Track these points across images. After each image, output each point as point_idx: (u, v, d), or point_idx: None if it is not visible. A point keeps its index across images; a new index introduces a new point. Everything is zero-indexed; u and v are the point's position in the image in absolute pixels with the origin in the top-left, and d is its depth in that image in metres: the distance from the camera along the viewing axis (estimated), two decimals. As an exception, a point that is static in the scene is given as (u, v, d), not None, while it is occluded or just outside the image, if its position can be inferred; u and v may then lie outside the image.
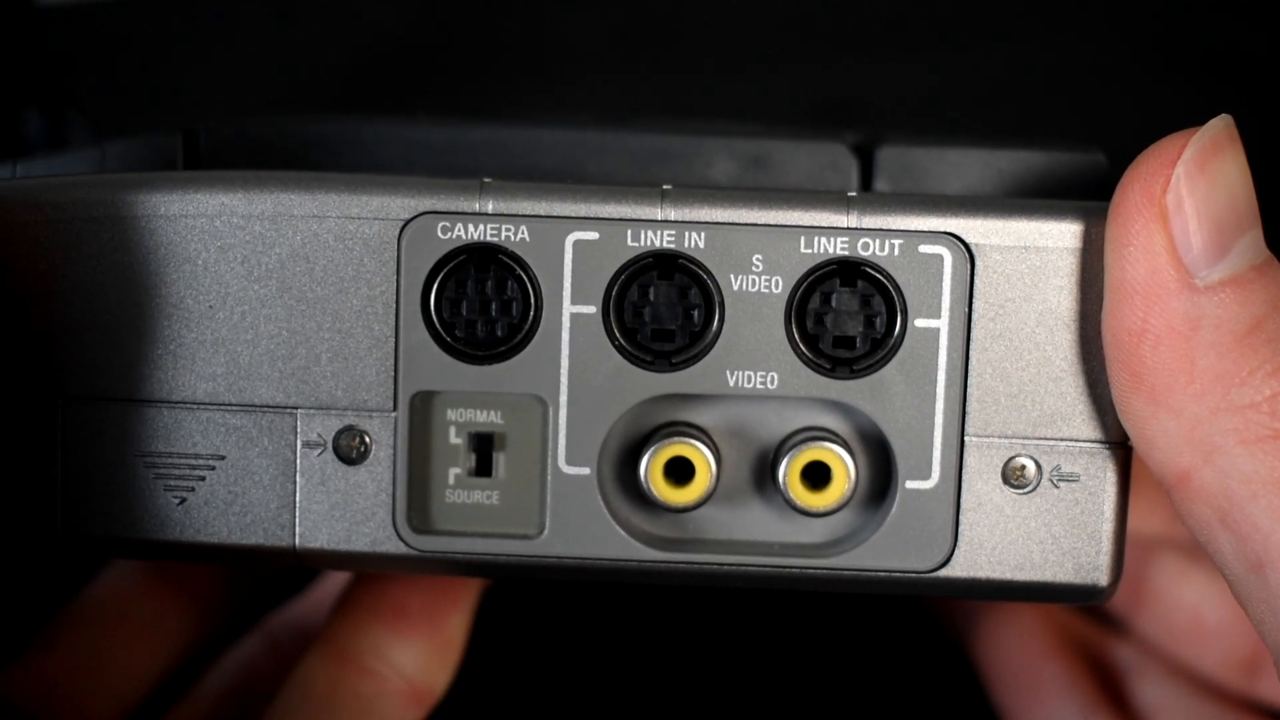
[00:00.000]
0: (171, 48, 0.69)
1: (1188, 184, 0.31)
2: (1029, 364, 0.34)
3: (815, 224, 0.34)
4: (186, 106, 0.67)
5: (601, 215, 0.34)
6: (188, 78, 0.68)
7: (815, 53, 0.70)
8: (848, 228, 0.34)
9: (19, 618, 0.45)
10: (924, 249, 0.34)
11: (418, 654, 0.41)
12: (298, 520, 0.35)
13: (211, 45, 0.70)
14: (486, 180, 0.34)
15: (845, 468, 0.34)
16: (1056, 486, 0.34)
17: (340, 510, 0.35)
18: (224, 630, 0.47)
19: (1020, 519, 0.34)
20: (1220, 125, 0.32)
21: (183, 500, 0.35)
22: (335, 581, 0.48)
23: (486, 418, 0.35)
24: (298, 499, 0.35)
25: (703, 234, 0.34)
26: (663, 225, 0.34)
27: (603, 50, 0.70)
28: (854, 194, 0.34)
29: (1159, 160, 0.32)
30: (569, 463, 0.34)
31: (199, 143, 0.38)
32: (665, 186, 0.34)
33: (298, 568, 0.36)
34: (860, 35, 0.70)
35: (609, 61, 0.69)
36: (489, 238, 0.34)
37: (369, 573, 0.41)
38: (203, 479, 0.35)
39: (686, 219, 0.34)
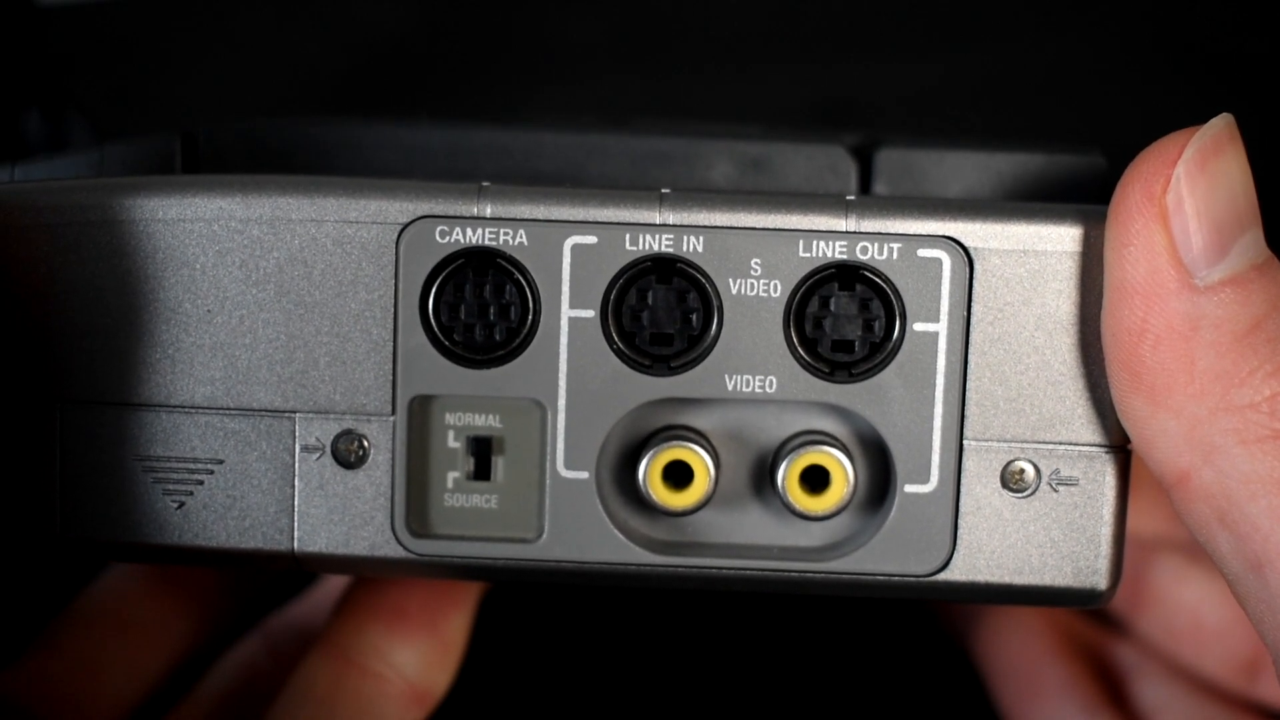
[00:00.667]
0: (172, 48, 0.69)
1: (1188, 183, 0.31)
2: (1028, 368, 0.34)
3: (814, 228, 0.34)
4: (187, 107, 0.67)
5: (600, 219, 0.34)
6: (188, 78, 0.68)
7: (815, 53, 0.69)
8: (846, 231, 0.33)
9: (19, 619, 0.45)
10: (923, 253, 0.33)
11: (418, 655, 0.41)
12: (296, 524, 0.35)
13: (212, 46, 0.70)
14: (485, 184, 0.34)
15: (844, 471, 0.34)
16: (1055, 490, 0.34)
17: (339, 514, 0.35)
18: (225, 631, 0.47)
19: (1019, 523, 0.34)
20: (1221, 124, 0.32)
21: (181, 504, 0.35)
22: (335, 583, 0.48)
23: (485, 421, 0.35)
24: (296, 503, 0.35)
25: (701, 238, 0.34)
26: (661, 229, 0.34)
27: (602, 51, 0.70)
28: (852, 197, 0.34)
29: (1159, 160, 0.32)
30: (567, 466, 0.34)
31: (197, 146, 0.38)
32: (664, 190, 0.34)
33: (296, 571, 0.36)
34: (860, 35, 0.70)
35: (608, 62, 0.69)
36: (487, 241, 0.34)
37: (368, 576, 0.41)
38: (201, 483, 0.35)
39: (685, 223, 0.34)
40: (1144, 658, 0.49)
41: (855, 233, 0.33)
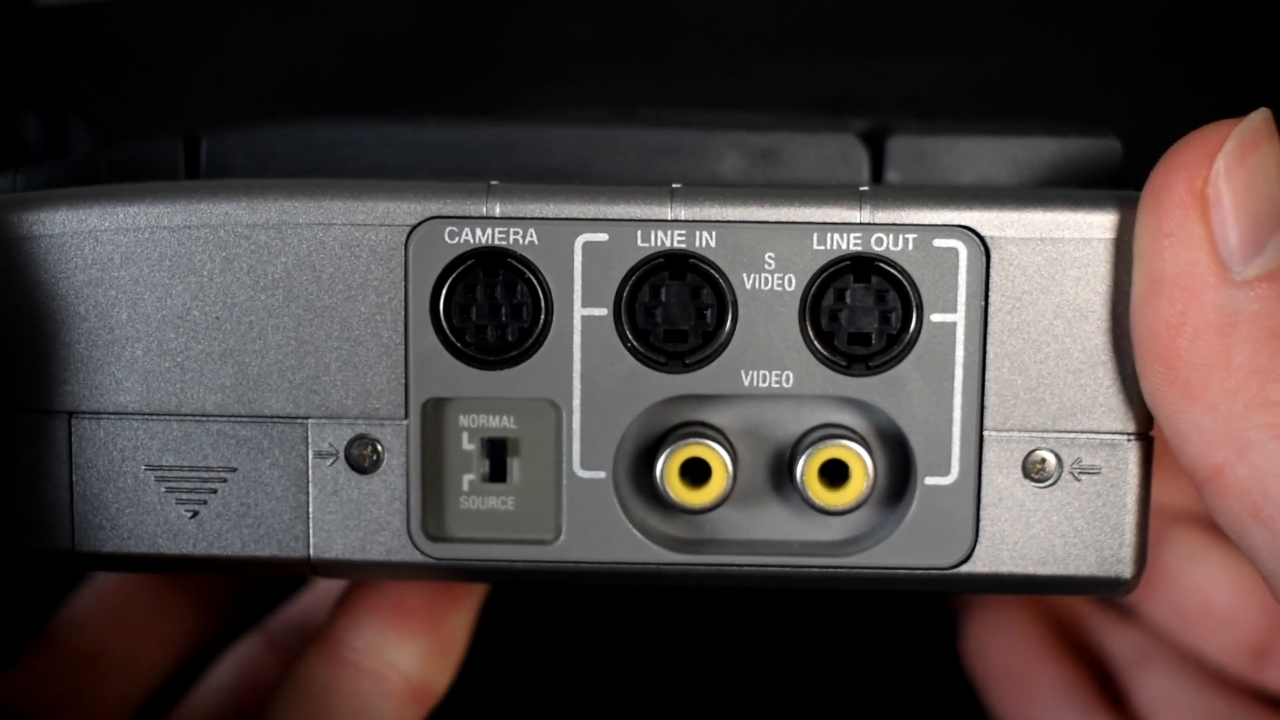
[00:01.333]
0: (172, 48, 0.69)
1: (1227, 177, 0.31)
2: (1047, 357, 0.33)
3: (827, 220, 0.33)
4: (187, 107, 0.66)
5: (610, 216, 0.33)
6: (188, 78, 0.68)
7: (816, 51, 0.69)
8: (860, 223, 0.33)
9: (17, 619, 0.44)
10: (938, 243, 0.33)
11: (417, 653, 0.41)
12: (311, 531, 0.34)
13: (212, 46, 0.69)
14: (493, 183, 0.34)
15: (863, 465, 0.34)
16: (1078, 479, 0.34)
17: (354, 520, 0.34)
18: (226, 629, 0.46)
19: (1042, 513, 0.34)
20: (1259, 119, 0.32)
21: (195, 513, 0.35)
22: (335, 580, 0.48)
23: (499, 423, 0.34)
24: (311, 509, 0.34)
25: (713, 233, 0.33)
26: (673, 225, 0.33)
27: (603, 49, 0.69)
28: (866, 188, 0.34)
29: (1200, 151, 0.31)
30: (584, 467, 0.34)
31: (199, 149, 0.37)
32: (674, 185, 0.34)
33: (312, 577, 0.36)
34: (862, 33, 0.69)
35: (610, 61, 0.69)
36: (497, 241, 0.33)
37: (385, 580, 0.41)
38: (215, 491, 0.34)
39: (697, 218, 0.33)
40: (1146, 648, 0.48)
41: (870, 224, 0.33)
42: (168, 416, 0.34)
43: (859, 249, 0.33)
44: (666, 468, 0.34)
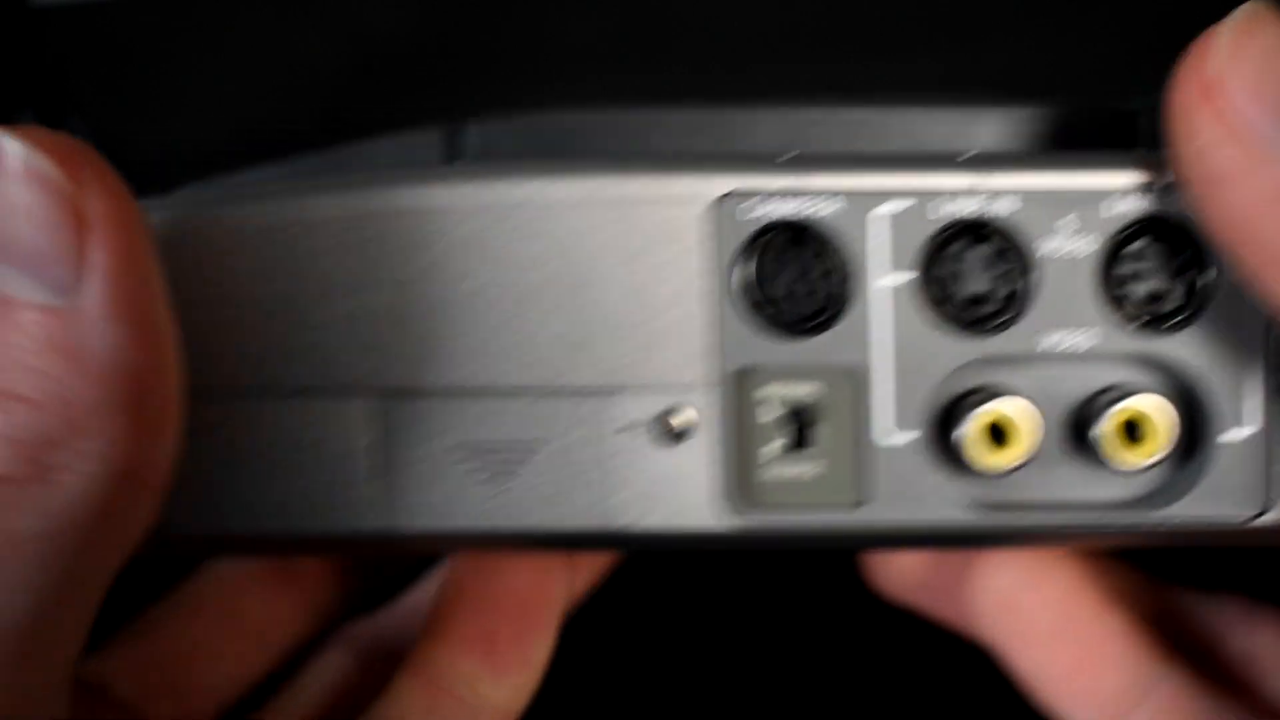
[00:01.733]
0: (172, 48, 0.67)
1: (1231, 63, 0.31)
2: None
3: (1119, 185, 0.34)
4: (186, 108, 0.65)
5: (908, 187, 0.34)
6: (188, 79, 0.66)
7: (816, 51, 0.70)
8: (1151, 185, 0.34)
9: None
10: None
11: (510, 686, 0.41)
12: (621, 502, 0.34)
13: (211, 46, 0.68)
14: (792, 155, 0.34)
15: (1163, 422, 0.34)
16: None
17: (663, 490, 0.34)
18: (327, 628, 0.46)
19: None
20: (1250, 7, 0.32)
21: (504, 488, 0.34)
22: (419, 594, 0.47)
23: (804, 390, 0.35)
24: (619, 481, 0.34)
25: (1009, 200, 0.34)
26: (969, 194, 0.34)
27: (603, 49, 0.69)
28: (1153, 152, 0.34)
29: (1202, 50, 0.31)
30: (887, 431, 0.34)
31: (462, 138, 0.37)
32: (968, 154, 0.34)
33: (618, 550, 0.35)
34: (862, 33, 0.70)
35: (609, 61, 0.69)
36: (799, 213, 0.34)
37: (692, 550, 0.40)
38: (523, 463, 0.34)
39: (993, 185, 0.34)
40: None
41: (1160, 186, 0.34)
42: (473, 393, 0.34)
43: (1153, 210, 0.34)
44: (971, 430, 0.34)
